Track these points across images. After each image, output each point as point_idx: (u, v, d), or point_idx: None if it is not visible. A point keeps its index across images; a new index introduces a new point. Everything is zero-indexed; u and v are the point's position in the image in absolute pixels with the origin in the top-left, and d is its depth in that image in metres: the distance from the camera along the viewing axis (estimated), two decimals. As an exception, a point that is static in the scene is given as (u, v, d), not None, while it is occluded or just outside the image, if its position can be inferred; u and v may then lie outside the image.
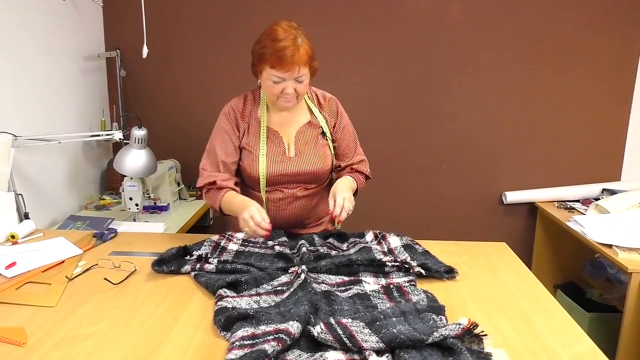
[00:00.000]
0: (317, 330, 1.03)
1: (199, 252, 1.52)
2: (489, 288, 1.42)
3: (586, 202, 2.82)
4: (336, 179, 1.78)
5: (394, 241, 1.61)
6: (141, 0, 2.44)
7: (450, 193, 3.01)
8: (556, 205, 2.85)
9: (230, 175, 1.75)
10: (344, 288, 1.35)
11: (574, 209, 2.77)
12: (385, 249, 1.57)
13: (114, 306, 1.28)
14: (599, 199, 2.72)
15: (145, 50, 2.45)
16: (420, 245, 1.63)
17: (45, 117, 2.33)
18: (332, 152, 1.82)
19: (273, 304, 1.24)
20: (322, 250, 1.56)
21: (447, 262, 1.52)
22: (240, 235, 1.67)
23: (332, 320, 1.06)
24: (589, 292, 2.88)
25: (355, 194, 1.76)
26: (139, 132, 2.12)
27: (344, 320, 1.06)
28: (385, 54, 2.87)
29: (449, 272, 1.47)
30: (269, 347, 0.96)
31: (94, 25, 2.80)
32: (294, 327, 1.04)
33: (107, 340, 1.12)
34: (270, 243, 1.63)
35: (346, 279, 1.41)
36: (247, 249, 1.59)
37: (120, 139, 2.23)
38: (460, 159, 2.97)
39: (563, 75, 2.85)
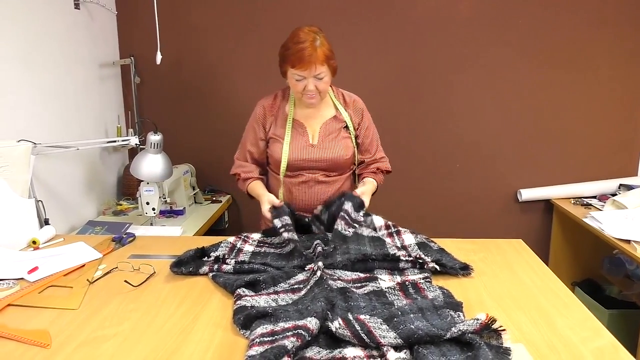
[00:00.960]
0: (335, 325, 1.04)
1: (216, 254, 1.53)
2: (506, 284, 1.42)
3: (603, 198, 2.79)
4: (359, 176, 2.02)
5: (408, 238, 1.61)
6: (154, 8, 2.47)
7: (464, 191, 3.00)
8: (572, 202, 2.83)
9: (255, 164, 2.00)
10: (359, 285, 1.36)
11: (590, 205, 2.75)
12: (399, 244, 1.57)
13: (134, 308, 1.30)
14: (616, 195, 2.70)
15: (159, 57, 2.48)
16: (435, 243, 1.63)
17: (62, 124, 2.37)
18: (354, 145, 1.97)
19: (291, 301, 1.26)
20: (336, 242, 1.58)
21: (463, 259, 1.53)
22: (256, 237, 1.69)
23: (350, 316, 1.07)
24: (608, 289, 2.86)
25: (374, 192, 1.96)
26: (154, 137, 2.15)
27: (362, 317, 1.07)
28: (397, 54, 2.87)
29: (464, 269, 1.47)
30: (289, 342, 0.98)
31: (108, 33, 2.84)
32: (312, 323, 1.06)
33: (129, 341, 1.13)
34: (285, 236, 1.62)
35: (362, 275, 1.42)
36: (262, 250, 1.62)
37: (136, 144, 2.26)
38: (474, 157, 2.96)
39: (578, 71, 2.83)
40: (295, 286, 1.34)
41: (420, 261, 1.45)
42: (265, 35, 2.88)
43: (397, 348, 1.01)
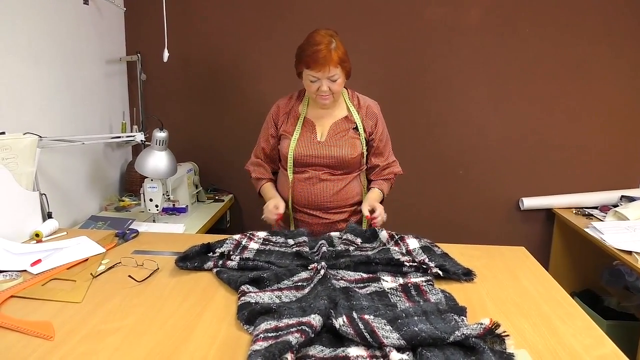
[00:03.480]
0: (340, 322, 1.05)
1: (221, 250, 1.53)
2: (509, 291, 1.42)
3: (604, 209, 2.80)
4: (372, 181, 2.09)
5: (412, 243, 1.61)
6: (163, 5, 2.47)
7: (466, 198, 3.01)
8: (574, 212, 2.84)
9: (268, 161, 2.10)
10: (362, 285, 1.37)
11: (592, 215, 2.75)
12: (404, 250, 1.57)
13: (138, 303, 1.30)
14: (618, 206, 2.70)
15: (166, 54, 2.48)
16: (438, 248, 1.63)
17: (67, 119, 2.38)
18: (363, 147, 2.00)
19: (294, 299, 1.26)
20: (340, 248, 1.59)
21: (466, 265, 1.53)
22: (261, 235, 1.69)
23: (354, 315, 1.07)
24: (607, 300, 2.86)
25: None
26: (160, 134, 2.15)
27: (366, 316, 1.07)
28: (403, 61, 2.88)
29: (467, 275, 1.48)
30: (293, 338, 0.98)
31: (116, 30, 2.85)
32: (315, 319, 1.06)
33: (133, 336, 1.14)
34: (290, 242, 1.65)
35: (365, 276, 1.42)
36: (267, 248, 1.62)
37: (142, 140, 2.26)
38: (477, 165, 2.96)
39: (581, 82, 2.83)
40: (299, 284, 1.34)
41: (424, 266, 1.45)
42: (274, 36, 2.88)
43: (400, 349, 1.02)
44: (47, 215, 2.02)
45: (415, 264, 1.46)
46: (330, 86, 1.84)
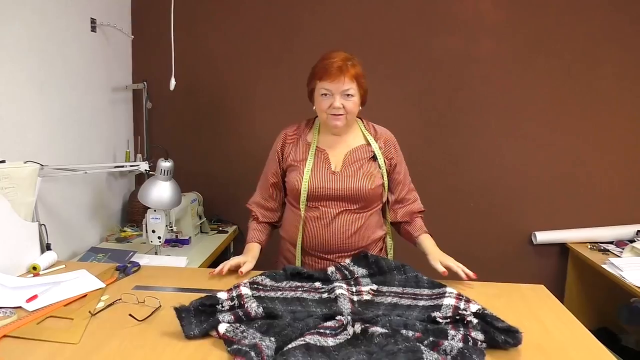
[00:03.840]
0: None
1: (224, 304, 1.36)
2: (532, 334, 1.32)
3: (620, 244, 2.72)
4: (403, 222, 1.94)
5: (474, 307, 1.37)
6: (170, 33, 2.45)
7: (477, 232, 2.93)
8: (589, 246, 2.75)
9: (272, 202, 1.91)
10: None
11: (608, 250, 2.67)
12: (462, 307, 1.36)
13: (139, 344, 1.22)
14: (635, 241, 2.63)
15: (172, 83, 2.45)
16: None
17: (71, 147, 2.33)
18: (384, 177, 1.85)
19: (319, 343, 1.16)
20: (364, 297, 1.48)
21: (485, 304, 1.41)
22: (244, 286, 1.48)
23: None
24: (624, 339, 2.76)
25: None
26: (165, 164, 2.09)
27: None
28: (412, 94, 2.85)
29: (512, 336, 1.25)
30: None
31: (123, 57, 2.83)
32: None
33: (133, 382, 1.05)
34: (305, 285, 1.55)
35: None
36: (259, 294, 1.46)
37: (146, 170, 2.20)
38: (489, 197, 2.90)
39: (596, 114, 2.79)
40: (321, 330, 1.22)
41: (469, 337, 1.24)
42: (282, 66, 2.86)
43: None
44: (45, 247, 1.95)
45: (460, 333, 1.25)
46: (345, 103, 1.70)
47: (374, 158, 1.83)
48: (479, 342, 1.21)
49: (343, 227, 1.78)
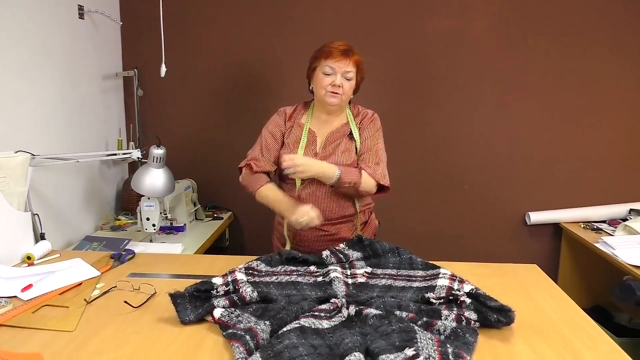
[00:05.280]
0: None
1: (219, 289, 1.36)
2: (526, 313, 1.34)
3: (613, 222, 2.74)
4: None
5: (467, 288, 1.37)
6: (160, 19, 2.42)
7: (472, 213, 2.94)
8: (582, 226, 2.77)
9: (269, 162, 1.94)
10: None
11: (601, 230, 2.69)
12: (455, 287, 1.37)
13: (135, 330, 1.22)
14: (627, 220, 2.64)
15: (163, 69, 2.43)
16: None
17: (62, 136, 2.31)
18: (356, 154, 1.93)
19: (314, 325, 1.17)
20: (358, 280, 1.49)
21: (479, 285, 1.42)
22: (240, 267, 1.51)
23: None
24: (618, 316, 2.78)
25: (341, 183, 1.82)
26: (157, 151, 2.08)
27: None
28: (406, 74, 2.83)
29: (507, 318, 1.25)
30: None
31: (112, 45, 2.80)
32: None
33: (129, 367, 1.06)
34: (301, 268, 1.56)
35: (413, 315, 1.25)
36: (254, 279, 1.46)
37: (138, 157, 2.19)
38: (483, 179, 2.90)
39: (588, 94, 2.79)
40: (316, 313, 1.23)
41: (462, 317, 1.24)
42: (274, 51, 2.84)
43: None
44: (39, 237, 1.94)
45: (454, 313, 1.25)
46: (343, 84, 1.83)
47: (350, 136, 1.93)
48: (472, 322, 1.22)
49: (326, 202, 1.90)
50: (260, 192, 1.90)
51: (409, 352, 1.01)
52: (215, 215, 2.87)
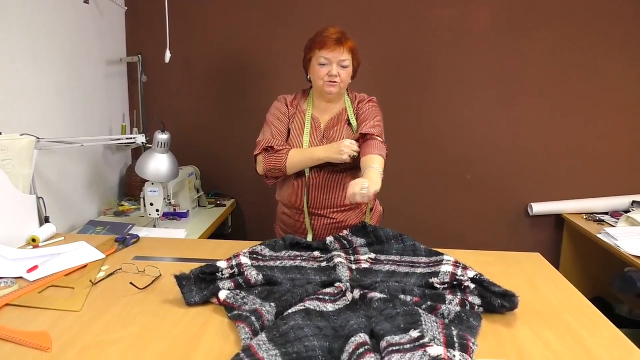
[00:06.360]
0: None
1: (224, 272, 1.37)
2: (529, 299, 1.34)
3: (615, 214, 2.74)
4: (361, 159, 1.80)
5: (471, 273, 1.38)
6: (165, 4, 2.41)
7: (474, 204, 2.94)
8: (584, 217, 2.78)
9: (283, 142, 1.92)
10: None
11: (603, 221, 2.69)
12: (459, 273, 1.37)
13: (140, 311, 1.23)
14: (629, 211, 2.64)
15: (167, 55, 2.42)
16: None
17: (66, 120, 2.31)
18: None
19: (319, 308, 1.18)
20: (362, 265, 1.50)
21: (482, 272, 1.42)
22: (244, 251, 1.52)
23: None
24: (618, 308, 2.79)
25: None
26: (162, 136, 2.08)
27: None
28: (409, 63, 2.83)
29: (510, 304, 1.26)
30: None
31: (116, 30, 2.79)
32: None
33: (136, 347, 1.07)
34: (304, 254, 1.57)
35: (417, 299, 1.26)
36: (258, 263, 1.48)
37: (143, 142, 2.19)
38: (485, 169, 2.90)
39: (591, 86, 2.78)
40: (320, 296, 1.24)
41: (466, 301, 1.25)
42: (278, 38, 2.83)
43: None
44: (44, 220, 1.95)
45: (458, 297, 1.26)
46: (340, 72, 1.82)
47: (349, 123, 1.93)
48: (476, 306, 1.23)
49: (330, 186, 1.90)
50: (290, 158, 1.84)
51: (414, 333, 1.02)
52: (218, 202, 2.87)
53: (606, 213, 2.81)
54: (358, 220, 1.96)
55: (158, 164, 2.09)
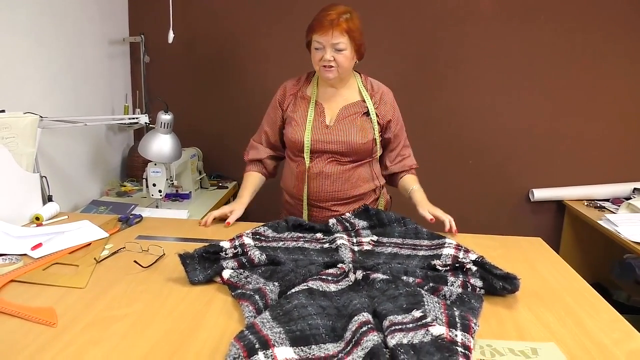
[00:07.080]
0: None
1: (228, 252, 1.38)
2: (529, 282, 1.35)
3: (616, 201, 2.75)
4: (395, 174, 2.01)
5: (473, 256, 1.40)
6: (168, -16, 2.39)
7: (475, 189, 2.95)
8: (585, 204, 2.78)
9: (269, 148, 1.97)
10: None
11: (604, 208, 2.70)
12: (461, 256, 1.39)
13: (144, 289, 1.24)
14: (630, 199, 2.65)
15: (171, 36, 2.40)
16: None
17: (68, 100, 2.31)
18: (375, 133, 1.86)
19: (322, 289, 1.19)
20: (364, 247, 1.51)
21: (483, 255, 1.44)
22: (247, 232, 1.55)
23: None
24: (616, 294, 2.81)
25: None
26: (165, 117, 2.08)
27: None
28: (413, 49, 2.81)
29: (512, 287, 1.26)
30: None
31: (119, 9, 2.77)
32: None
33: (140, 324, 1.08)
34: (307, 235, 1.58)
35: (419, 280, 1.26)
36: (261, 244, 1.49)
37: (146, 122, 2.19)
38: (488, 155, 2.90)
39: (595, 73, 2.77)
40: (323, 277, 1.24)
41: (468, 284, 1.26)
42: (284, 19, 2.81)
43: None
44: (47, 199, 1.96)
45: (459, 280, 1.26)
46: (335, 56, 1.71)
47: (367, 114, 1.85)
48: (478, 289, 1.24)
49: (335, 178, 1.84)
50: (245, 176, 1.99)
51: (417, 313, 1.03)
52: (220, 184, 2.88)
53: (607, 200, 2.82)
54: None
55: (161, 144, 2.09)
